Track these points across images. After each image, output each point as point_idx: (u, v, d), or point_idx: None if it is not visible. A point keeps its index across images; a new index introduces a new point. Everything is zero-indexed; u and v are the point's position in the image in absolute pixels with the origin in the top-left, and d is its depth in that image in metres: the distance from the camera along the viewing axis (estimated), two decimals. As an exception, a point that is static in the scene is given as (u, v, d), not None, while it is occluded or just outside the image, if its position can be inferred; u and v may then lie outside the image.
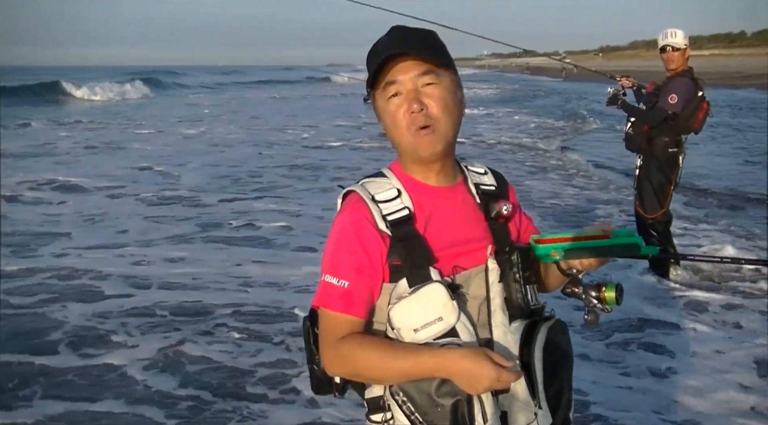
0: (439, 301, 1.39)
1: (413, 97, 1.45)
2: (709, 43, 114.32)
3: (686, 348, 4.31)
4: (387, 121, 1.49)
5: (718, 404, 3.59)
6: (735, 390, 3.74)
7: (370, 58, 1.49)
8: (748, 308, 4.93)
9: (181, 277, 5.65)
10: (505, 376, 1.33)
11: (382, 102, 1.49)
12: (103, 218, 7.90)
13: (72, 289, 5.37)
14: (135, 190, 9.48)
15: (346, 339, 1.43)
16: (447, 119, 1.47)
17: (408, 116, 1.45)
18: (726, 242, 6.54)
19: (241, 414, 3.51)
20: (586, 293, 1.50)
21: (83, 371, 3.98)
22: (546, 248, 1.48)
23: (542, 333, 1.44)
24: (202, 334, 4.49)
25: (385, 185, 1.51)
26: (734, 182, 10.30)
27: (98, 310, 4.92)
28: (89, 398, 3.67)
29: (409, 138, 1.47)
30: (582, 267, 1.50)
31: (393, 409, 1.42)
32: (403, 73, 1.45)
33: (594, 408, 3.54)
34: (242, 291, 5.36)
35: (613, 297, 1.49)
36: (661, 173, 5.42)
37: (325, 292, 1.46)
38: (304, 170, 11.35)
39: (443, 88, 1.47)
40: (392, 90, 1.46)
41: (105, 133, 17.62)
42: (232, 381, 3.84)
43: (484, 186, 1.60)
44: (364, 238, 1.44)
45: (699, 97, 5.28)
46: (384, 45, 1.46)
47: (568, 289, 1.52)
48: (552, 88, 42.20)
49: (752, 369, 3.97)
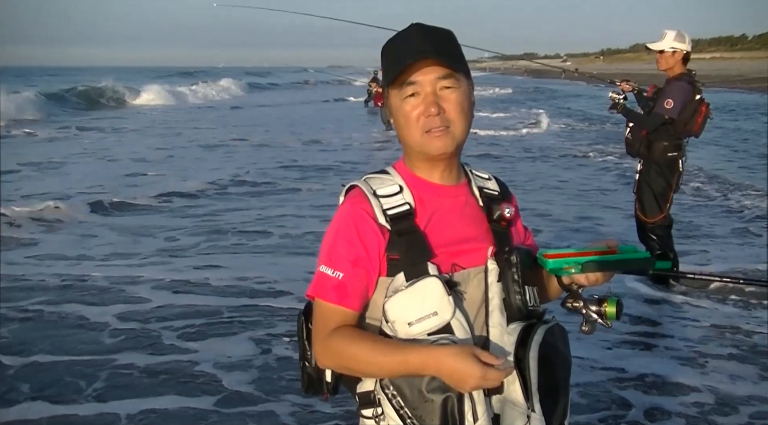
0: (435, 295, 1.39)
1: (431, 100, 1.45)
2: (710, 47, 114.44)
3: (686, 353, 4.30)
4: (400, 119, 1.50)
5: (718, 408, 3.58)
6: (734, 390, 3.73)
7: (391, 57, 1.49)
8: (751, 315, 4.91)
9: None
10: (492, 374, 1.32)
11: (398, 100, 1.49)
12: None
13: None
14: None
15: (337, 331, 1.43)
16: (462, 123, 1.49)
17: (423, 118, 1.46)
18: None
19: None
20: (587, 308, 1.51)
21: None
22: (558, 263, 1.48)
23: (539, 335, 1.42)
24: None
25: (387, 181, 1.52)
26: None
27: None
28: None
29: (419, 138, 1.48)
30: (589, 282, 1.50)
31: (383, 403, 1.42)
32: (424, 75, 1.45)
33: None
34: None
35: (614, 312, 1.50)
36: (661, 178, 5.41)
37: (319, 282, 1.47)
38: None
39: (461, 92, 1.48)
40: (410, 90, 1.47)
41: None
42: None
43: (487, 190, 1.60)
44: (362, 231, 1.45)
45: (697, 101, 5.26)
46: (406, 44, 1.46)
47: (569, 303, 1.53)
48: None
49: (756, 374, 3.96)
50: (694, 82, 5.30)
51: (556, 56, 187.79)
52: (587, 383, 3.84)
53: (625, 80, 5.83)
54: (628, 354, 4.28)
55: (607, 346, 4.37)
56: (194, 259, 6.33)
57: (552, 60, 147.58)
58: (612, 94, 5.59)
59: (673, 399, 3.70)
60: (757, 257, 6.37)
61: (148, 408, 3.59)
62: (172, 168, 11.83)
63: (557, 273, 1.50)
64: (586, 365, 4.05)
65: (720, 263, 6.15)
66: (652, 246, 5.45)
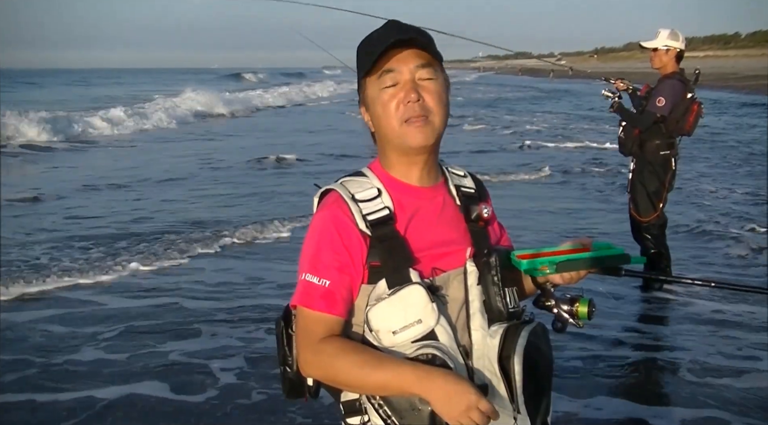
0: (419, 303, 1.37)
1: (410, 87, 1.43)
2: (703, 45, 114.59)
3: (681, 353, 4.29)
4: (377, 109, 1.46)
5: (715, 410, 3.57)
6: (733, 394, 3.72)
7: (367, 48, 1.46)
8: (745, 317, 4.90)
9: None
10: (484, 404, 1.29)
11: (375, 91, 1.46)
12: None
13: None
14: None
15: (327, 342, 1.40)
16: (441, 113, 1.46)
17: (402, 106, 1.43)
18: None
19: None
20: (559, 307, 1.50)
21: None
22: (532, 263, 1.47)
23: (523, 337, 1.40)
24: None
25: (365, 184, 1.49)
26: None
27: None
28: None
29: (397, 128, 1.45)
30: (564, 281, 1.49)
31: (369, 412, 1.39)
32: (403, 63, 1.43)
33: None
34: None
35: (586, 312, 1.50)
36: (654, 176, 5.40)
37: (305, 291, 1.43)
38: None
39: (439, 83, 1.46)
40: (388, 80, 1.44)
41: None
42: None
43: (464, 189, 1.58)
44: (345, 236, 1.42)
45: (689, 99, 5.26)
46: (383, 35, 1.44)
47: (540, 302, 1.52)
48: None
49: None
50: (686, 81, 5.30)
51: (550, 55, 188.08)
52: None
53: (620, 79, 5.82)
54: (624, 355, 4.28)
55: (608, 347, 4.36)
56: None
57: (547, 59, 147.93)
58: (604, 92, 5.58)
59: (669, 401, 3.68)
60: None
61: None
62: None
63: (532, 274, 1.49)
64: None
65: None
66: (646, 245, 5.44)
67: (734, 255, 6.41)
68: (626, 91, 5.67)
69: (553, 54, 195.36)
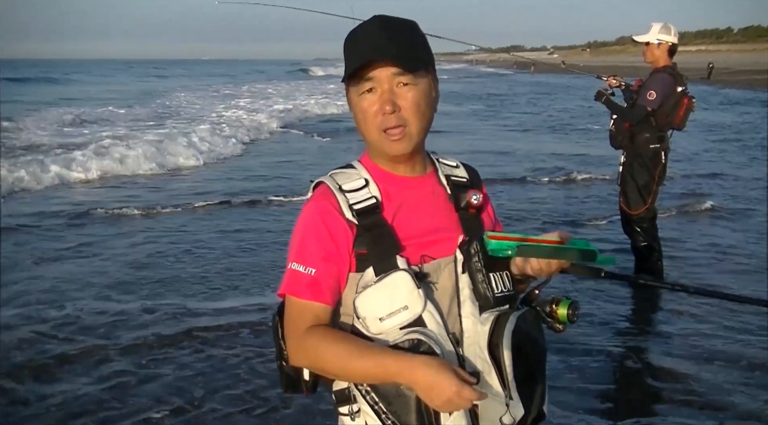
0: (405, 289, 1.38)
1: (387, 97, 1.43)
2: (695, 39, 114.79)
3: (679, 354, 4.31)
4: (358, 115, 1.48)
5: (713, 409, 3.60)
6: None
7: (350, 51, 1.46)
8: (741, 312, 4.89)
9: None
10: (467, 392, 1.29)
11: (355, 96, 1.47)
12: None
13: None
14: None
15: (313, 331, 1.41)
16: (418, 122, 1.46)
17: (380, 116, 1.44)
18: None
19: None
20: (540, 307, 1.48)
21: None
22: (498, 244, 1.44)
23: (510, 322, 1.41)
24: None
25: (353, 176, 1.51)
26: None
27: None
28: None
29: (376, 137, 1.46)
30: (533, 271, 1.47)
31: (358, 400, 1.41)
32: (381, 71, 1.43)
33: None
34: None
35: (565, 314, 1.46)
36: (644, 170, 5.41)
37: (292, 280, 1.45)
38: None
39: (418, 90, 1.45)
40: (367, 86, 1.44)
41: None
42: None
43: (455, 178, 1.59)
44: (331, 226, 1.44)
45: (679, 93, 5.27)
46: (366, 40, 1.44)
47: (526, 301, 1.50)
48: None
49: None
50: (677, 75, 5.30)
51: (542, 49, 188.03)
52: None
53: (612, 76, 5.81)
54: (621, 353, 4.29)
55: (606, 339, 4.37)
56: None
57: (540, 52, 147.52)
58: (599, 90, 5.57)
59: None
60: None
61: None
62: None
63: (496, 254, 1.44)
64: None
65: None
66: (637, 239, 5.47)
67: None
68: (619, 88, 5.67)
69: (545, 48, 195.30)
